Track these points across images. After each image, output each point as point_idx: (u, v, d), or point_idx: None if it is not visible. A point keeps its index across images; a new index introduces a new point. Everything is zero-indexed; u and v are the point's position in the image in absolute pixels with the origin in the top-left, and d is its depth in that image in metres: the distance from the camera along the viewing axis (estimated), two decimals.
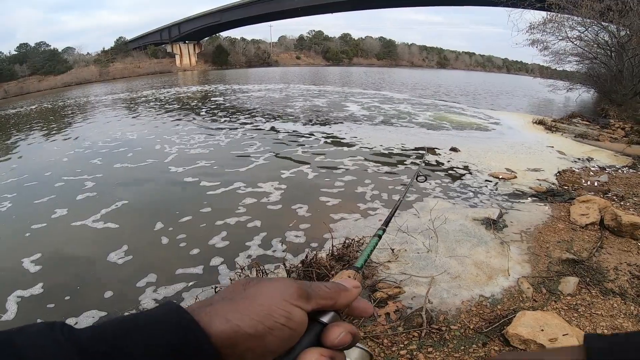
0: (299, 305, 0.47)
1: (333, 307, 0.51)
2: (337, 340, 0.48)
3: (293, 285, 0.48)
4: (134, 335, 0.38)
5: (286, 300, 0.46)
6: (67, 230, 5.45)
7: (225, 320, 0.43)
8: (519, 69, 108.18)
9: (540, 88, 26.43)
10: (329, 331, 0.49)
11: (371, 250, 1.03)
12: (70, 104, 23.22)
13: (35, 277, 4.25)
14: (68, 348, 0.35)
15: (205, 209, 5.90)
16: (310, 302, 0.49)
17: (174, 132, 11.85)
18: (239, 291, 0.47)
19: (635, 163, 8.22)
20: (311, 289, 0.50)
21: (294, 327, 0.46)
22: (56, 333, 0.36)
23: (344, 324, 0.50)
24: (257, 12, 61.46)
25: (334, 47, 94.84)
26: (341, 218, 5.46)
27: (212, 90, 26.65)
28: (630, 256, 4.14)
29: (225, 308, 0.44)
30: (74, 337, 0.36)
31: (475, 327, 3.03)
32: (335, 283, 0.54)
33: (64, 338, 0.35)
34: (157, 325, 0.40)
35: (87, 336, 0.37)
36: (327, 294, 0.51)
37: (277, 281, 0.49)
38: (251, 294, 0.46)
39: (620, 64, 17.06)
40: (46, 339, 0.35)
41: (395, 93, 25.11)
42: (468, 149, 9.31)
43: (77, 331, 0.37)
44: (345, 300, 0.52)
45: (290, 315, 0.45)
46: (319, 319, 0.50)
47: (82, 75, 54.64)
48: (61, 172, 8.13)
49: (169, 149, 9.71)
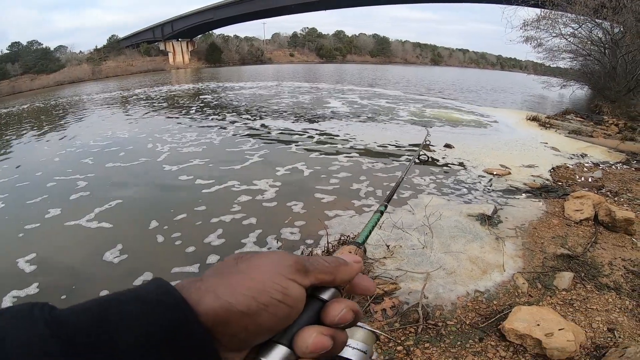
0: (296, 279, 0.44)
1: (333, 282, 0.48)
2: (338, 318, 0.45)
3: (290, 258, 0.45)
4: (118, 314, 0.36)
5: (282, 274, 0.43)
6: (61, 230, 5.40)
7: (215, 297, 0.40)
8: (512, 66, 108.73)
9: (534, 85, 26.53)
10: (329, 308, 0.46)
11: (373, 226, 0.98)
12: (61, 103, 23.01)
13: (30, 277, 4.21)
14: (43, 329, 0.32)
15: (200, 207, 5.87)
16: (308, 276, 0.46)
17: (166, 131, 11.76)
18: (231, 265, 0.44)
19: (629, 159, 8.28)
20: (309, 263, 0.47)
21: (290, 304, 0.43)
22: (34, 314, 0.34)
23: (345, 301, 0.47)
24: (250, 10, 61.20)
25: (328, 45, 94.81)
26: (336, 215, 5.46)
27: (204, 88, 26.52)
28: (625, 251, 4.16)
29: (216, 284, 0.41)
30: (53, 318, 0.34)
31: (472, 323, 3.03)
32: (335, 257, 0.51)
33: (42, 319, 0.33)
34: (144, 305, 0.37)
35: (69, 317, 0.35)
36: (326, 268, 0.48)
37: (272, 254, 0.46)
38: (244, 268, 0.43)
39: (614, 61, 17.16)
40: (23, 320, 0.33)
41: (389, 90, 25.15)
42: (462, 145, 9.33)
43: (60, 312, 0.35)
44: (346, 276, 0.50)
45: (286, 290, 0.43)
46: (319, 296, 0.47)
47: (74, 73, 54.27)
48: (53, 172, 8.04)
49: (162, 147, 9.64)
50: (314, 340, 0.42)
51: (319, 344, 0.42)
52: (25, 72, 55.20)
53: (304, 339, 0.43)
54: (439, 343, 2.82)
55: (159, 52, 70.41)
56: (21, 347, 0.31)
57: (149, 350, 0.35)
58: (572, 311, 3.16)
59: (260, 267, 0.44)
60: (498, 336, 2.85)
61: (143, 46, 69.08)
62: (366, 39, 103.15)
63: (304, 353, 0.42)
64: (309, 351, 0.42)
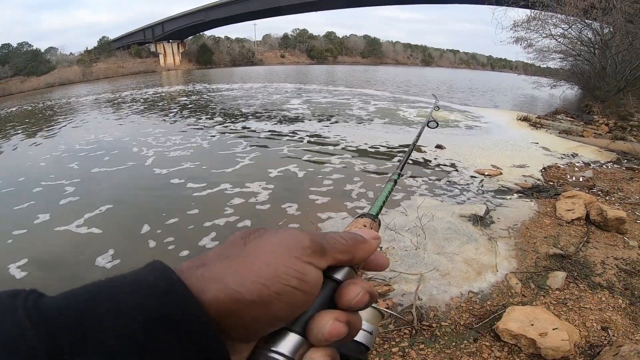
0: (313, 262, 0.39)
1: (350, 262, 0.44)
2: (355, 302, 0.41)
3: (305, 238, 0.40)
4: (107, 303, 0.31)
5: (297, 257, 0.38)
6: (51, 235, 5.33)
7: (221, 286, 0.35)
8: (503, 67, 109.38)
9: (524, 85, 26.69)
10: (344, 290, 0.41)
11: (386, 196, 0.92)
12: (49, 105, 22.64)
13: (22, 283, 4.15)
14: (23, 320, 0.29)
15: (193, 211, 5.83)
16: (325, 257, 0.41)
17: (155, 134, 11.64)
18: (239, 246, 0.40)
19: (620, 158, 8.34)
20: (326, 241, 0.42)
21: (307, 290, 0.38)
22: (16, 302, 0.30)
23: (361, 282, 0.43)
24: (241, 11, 61.11)
25: (319, 46, 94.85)
26: (329, 217, 5.45)
27: (194, 90, 26.40)
28: (617, 250, 4.19)
29: (222, 269, 0.37)
30: (36, 308, 0.30)
31: (466, 323, 3.04)
32: (352, 233, 0.46)
33: (23, 309, 0.30)
34: (139, 293, 0.33)
35: (54, 305, 0.31)
36: (344, 247, 0.43)
37: (284, 233, 0.41)
38: (253, 250, 0.39)
39: (604, 61, 17.31)
40: (1, 311, 0.29)
41: (379, 91, 25.15)
42: (453, 146, 9.35)
43: (45, 300, 0.32)
44: (363, 254, 0.45)
45: (303, 276, 0.38)
46: (332, 276, 0.42)
47: (65, 75, 53.79)
48: (39, 177, 7.88)
49: (151, 151, 9.55)
50: (330, 328, 0.38)
51: (335, 331, 0.38)
52: (15, 74, 54.58)
53: (320, 326, 0.39)
54: (434, 344, 2.82)
55: (150, 54, 70.10)
56: None
57: (144, 346, 0.31)
58: (566, 310, 3.17)
59: (272, 248, 0.39)
60: (492, 336, 2.86)
61: (134, 48, 68.73)
62: (357, 40, 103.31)
63: (319, 341, 0.39)
64: (324, 339, 0.38)
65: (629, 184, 6.48)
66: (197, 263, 0.38)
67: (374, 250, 0.47)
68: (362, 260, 0.46)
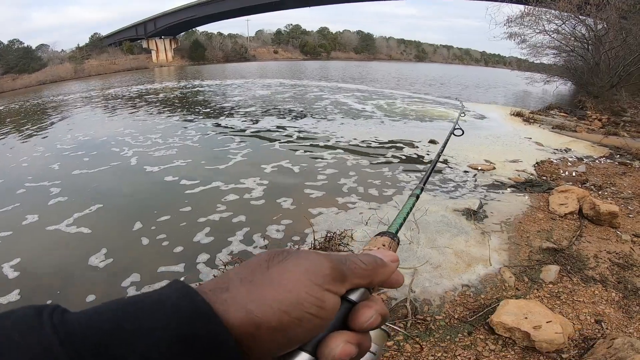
0: (332, 289, 0.41)
1: (368, 285, 0.45)
2: (367, 324, 0.42)
3: (326, 265, 0.41)
4: (134, 323, 0.32)
5: (318, 284, 0.40)
6: (42, 236, 5.23)
7: (244, 311, 0.36)
8: (496, 62, 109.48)
9: (518, 81, 26.69)
10: (358, 312, 0.43)
11: (408, 212, 0.89)
12: (37, 104, 22.11)
13: (15, 283, 4.09)
14: (51, 336, 0.30)
15: (186, 208, 5.79)
16: (344, 284, 0.42)
17: (145, 131, 11.48)
18: (261, 271, 0.40)
19: (612, 153, 8.39)
20: (346, 267, 0.43)
21: (324, 316, 0.40)
22: (43, 319, 0.31)
23: (375, 304, 0.44)
24: (233, 7, 60.79)
25: (312, 41, 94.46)
26: (320, 213, 5.41)
27: (190, 86, 26.24)
28: (610, 244, 4.21)
29: (245, 295, 0.38)
30: (63, 324, 0.31)
31: (460, 317, 3.04)
32: (372, 257, 0.47)
33: (51, 327, 0.30)
34: (165, 313, 0.34)
35: (80, 323, 0.32)
36: (364, 272, 0.44)
37: (306, 258, 0.42)
38: (276, 276, 0.40)
39: (597, 57, 17.39)
40: (29, 328, 0.30)
41: (372, 86, 25.12)
42: None
43: (70, 316, 0.32)
44: (382, 278, 0.47)
45: (322, 303, 0.39)
46: (348, 297, 0.43)
47: (56, 73, 53.22)
48: (22, 178, 7.63)
49: (140, 149, 9.41)
50: (341, 351, 0.40)
51: (345, 354, 0.40)
52: (7, 71, 53.89)
53: (331, 348, 0.40)
54: (429, 337, 2.82)
55: (142, 50, 69.61)
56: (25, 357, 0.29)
57: None
58: (559, 304, 3.18)
59: (294, 275, 0.40)
60: (487, 329, 2.86)
61: (126, 44, 68.24)
62: (350, 36, 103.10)
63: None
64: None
65: (621, 179, 6.51)
66: (221, 285, 0.39)
67: (392, 273, 0.48)
68: (379, 283, 0.47)
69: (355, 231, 4.59)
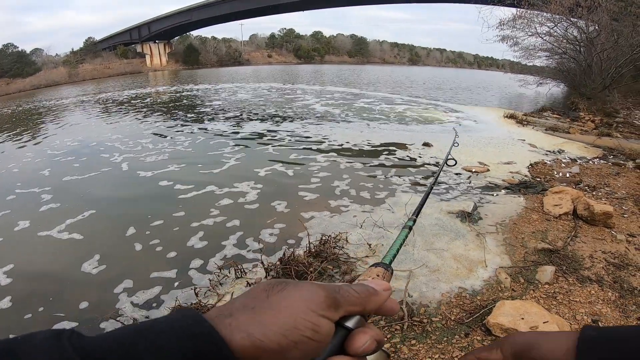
0: (327, 315, 0.44)
1: (362, 312, 0.49)
2: (362, 350, 0.46)
3: (320, 293, 0.45)
4: (146, 344, 0.36)
5: (314, 310, 0.43)
6: (35, 242, 5.15)
7: (247, 335, 0.40)
8: (489, 65, 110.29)
9: (511, 83, 26.85)
10: (354, 338, 0.46)
11: (401, 244, 0.96)
12: (28, 109, 21.98)
13: (7, 290, 4.03)
14: (74, 358, 0.32)
15: (179, 212, 5.73)
16: (338, 310, 0.46)
17: (138, 136, 11.40)
18: (262, 298, 0.44)
19: (606, 154, 8.43)
20: (340, 295, 0.47)
21: (319, 340, 0.43)
22: (63, 342, 0.34)
23: (370, 330, 0.48)
24: (227, 11, 61.01)
25: (306, 45, 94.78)
26: (314, 216, 5.37)
27: (180, 90, 26.20)
28: (605, 244, 4.22)
29: (247, 320, 0.41)
30: (83, 348, 0.34)
31: (457, 318, 3.03)
32: (364, 286, 0.51)
33: (72, 349, 0.33)
34: (177, 337, 0.37)
35: (99, 346, 0.34)
36: (356, 299, 0.48)
37: (303, 288, 0.46)
38: (275, 303, 0.43)
39: (589, 59, 17.52)
40: (52, 351, 0.33)
41: (366, 90, 25.20)
42: (440, 143, 9.36)
43: (87, 340, 0.35)
44: (374, 305, 0.50)
45: (317, 327, 0.43)
46: (344, 324, 0.47)
47: (50, 77, 53.06)
48: (11, 184, 7.52)
49: (132, 154, 9.34)
50: None
51: None
52: (1, 76, 53.79)
53: None
54: (425, 339, 2.81)
55: (136, 55, 69.64)
56: None
57: None
58: (556, 304, 3.18)
59: (292, 302, 0.43)
60: (483, 331, 2.85)
61: (120, 48, 68.20)
62: (344, 40, 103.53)
63: None
64: None
65: (615, 179, 6.54)
66: (224, 312, 0.42)
67: (383, 301, 0.51)
68: (372, 311, 0.51)
69: (350, 234, 4.57)
